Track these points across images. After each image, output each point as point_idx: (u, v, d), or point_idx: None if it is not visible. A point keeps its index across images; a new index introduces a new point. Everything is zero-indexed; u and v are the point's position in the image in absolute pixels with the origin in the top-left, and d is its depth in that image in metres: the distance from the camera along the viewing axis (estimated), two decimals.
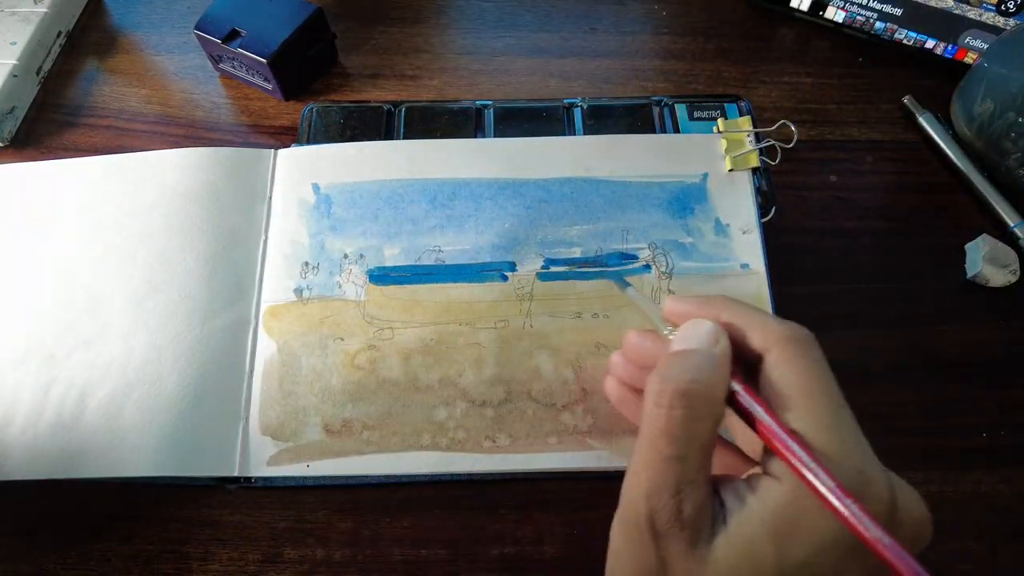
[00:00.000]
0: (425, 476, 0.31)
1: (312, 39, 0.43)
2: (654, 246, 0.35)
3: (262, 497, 0.32)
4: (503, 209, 0.36)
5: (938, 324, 0.37)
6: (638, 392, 0.27)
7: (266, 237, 0.36)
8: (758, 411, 0.21)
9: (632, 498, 0.20)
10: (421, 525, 0.31)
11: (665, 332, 0.25)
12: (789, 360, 0.21)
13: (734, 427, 0.26)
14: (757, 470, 0.22)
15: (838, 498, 0.18)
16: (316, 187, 0.36)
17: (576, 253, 0.35)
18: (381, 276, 0.34)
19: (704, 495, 0.20)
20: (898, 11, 0.45)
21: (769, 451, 0.21)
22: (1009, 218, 0.39)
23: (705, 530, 0.20)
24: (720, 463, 0.24)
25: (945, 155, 0.42)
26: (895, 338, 0.36)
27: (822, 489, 0.18)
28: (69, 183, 0.37)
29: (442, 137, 0.40)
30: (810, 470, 0.19)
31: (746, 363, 0.23)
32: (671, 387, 0.21)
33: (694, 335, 0.23)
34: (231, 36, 0.41)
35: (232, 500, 0.32)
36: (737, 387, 0.22)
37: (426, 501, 0.32)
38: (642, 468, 0.20)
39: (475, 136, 0.40)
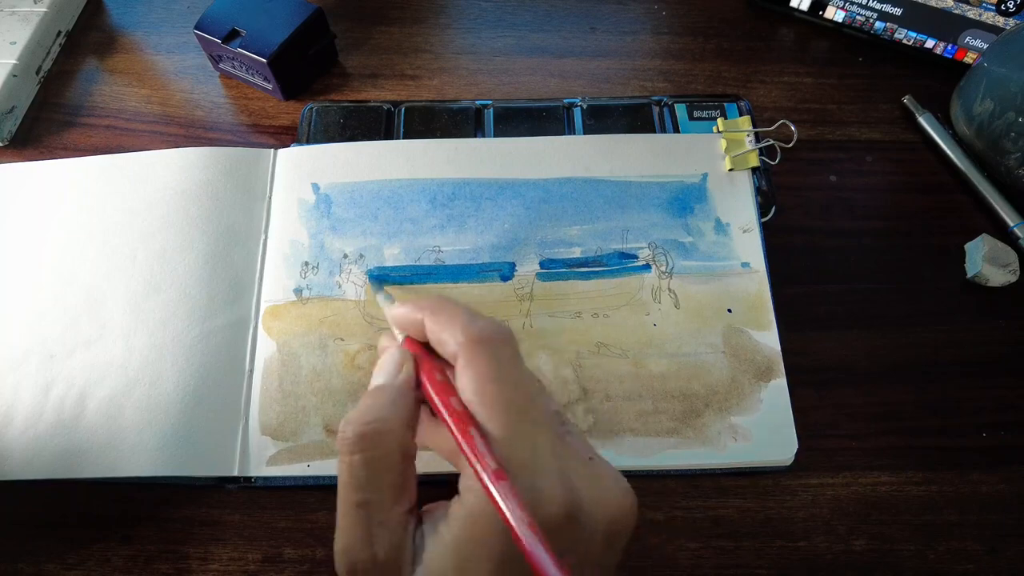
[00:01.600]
0: (425, 476, 0.31)
1: (312, 39, 0.42)
2: (654, 245, 0.35)
3: (262, 497, 0.32)
4: (503, 209, 0.36)
5: (938, 324, 0.37)
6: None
7: (266, 237, 0.36)
8: (444, 416, 0.21)
9: (335, 554, 0.20)
10: None
11: (398, 343, 0.25)
12: (471, 365, 0.21)
13: None
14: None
15: (495, 489, 0.18)
16: (316, 187, 0.36)
17: (576, 253, 0.35)
18: (381, 276, 0.34)
19: (399, 535, 0.20)
20: (898, 11, 0.45)
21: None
22: (1009, 218, 0.39)
23: (405, 570, 0.20)
24: None
25: (945, 155, 0.42)
26: (895, 338, 0.36)
27: (489, 487, 0.18)
28: (69, 183, 0.37)
29: (442, 137, 0.40)
30: (482, 475, 0.19)
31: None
32: (350, 433, 0.21)
33: (384, 368, 0.23)
34: (231, 36, 0.41)
35: (232, 500, 0.32)
36: (432, 392, 0.21)
37: (426, 501, 0.32)
38: (338, 522, 0.20)
39: (475, 136, 0.40)
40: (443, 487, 0.32)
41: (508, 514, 0.18)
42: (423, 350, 0.24)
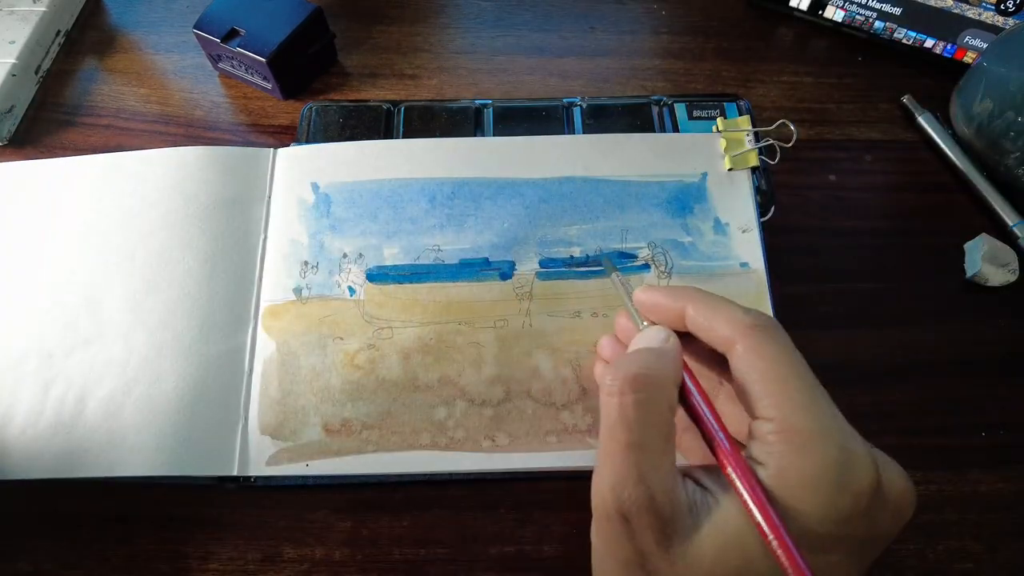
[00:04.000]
0: (424, 475, 0.31)
1: (311, 38, 0.42)
2: (653, 245, 0.35)
3: (261, 496, 0.32)
4: (502, 208, 0.36)
5: (938, 324, 0.37)
6: None
7: (265, 236, 0.36)
8: (704, 412, 0.21)
9: (599, 492, 0.20)
10: (420, 524, 0.31)
11: (642, 326, 0.26)
12: (756, 348, 0.21)
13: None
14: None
15: (764, 517, 0.18)
16: (315, 186, 0.36)
17: (575, 252, 0.35)
18: (380, 275, 0.34)
19: (672, 482, 0.20)
20: (897, 10, 0.45)
21: (753, 436, 0.21)
22: (1008, 217, 0.39)
23: (682, 519, 0.19)
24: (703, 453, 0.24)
25: (944, 154, 0.42)
26: (895, 338, 0.36)
27: (751, 508, 0.19)
28: (68, 182, 0.37)
29: (441, 136, 0.40)
30: (744, 483, 0.19)
31: (716, 355, 0.23)
32: (622, 374, 0.21)
33: (649, 336, 0.23)
34: (230, 35, 0.41)
35: (231, 499, 0.32)
36: (690, 383, 0.22)
37: (426, 500, 0.32)
38: (604, 461, 0.20)
39: (474, 135, 0.40)
40: (443, 486, 0.32)
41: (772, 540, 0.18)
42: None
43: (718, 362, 0.24)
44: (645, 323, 0.26)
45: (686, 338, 0.24)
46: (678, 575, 0.19)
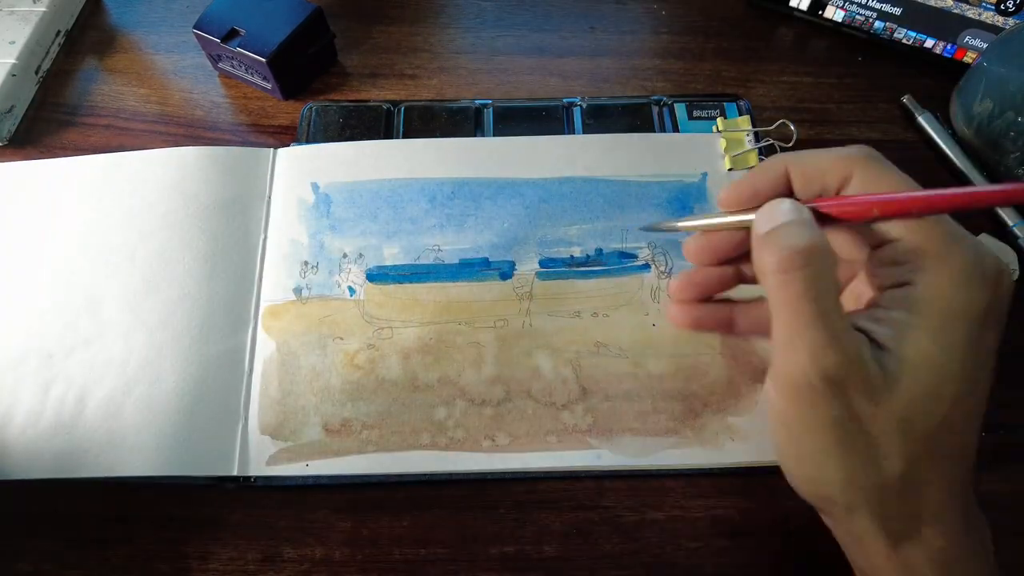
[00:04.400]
0: (425, 475, 0.31)
1: (311, 38, 0.42)
2: (653, 245, 0.35)
3: (261, 496, 0.32)
4: (502, 208, 0.36)
5: None
6: (713, 303, 0.27)
7: (265, 236, 0.36)
8: (875, 197, 0.21)
9: (796, 365, 0.20)
10: (420, 524, 0.31)
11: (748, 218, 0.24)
12: (876, 178, 0.22)
13: None
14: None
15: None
16: (315, 186, 0.36)
17: (575, 252, 0.35)
18: (380, 275, 0.34)
19: (857, 341, 0.21)
20: (897, 10, 0.45)
21: (882, 263, 0.22)
22: (1008, 218, 0.39)
23: (879, 368, 0.20)
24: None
25: (944, 154, 0.42)
26: None
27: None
28: (68, 182, 0.37)
29: (441, 136, 0.40)
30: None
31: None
32: (790, 249, 0.21)
33: (777, 212, 0.22)
34: (230, 35, 0.41)
35: (231, 499, 0.32)
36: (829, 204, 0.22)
37: (426, 500, 0.32)
38: (795, 335, 0.20)
39: (474, 135, 0.40)
40: (443, 486, 0.32)
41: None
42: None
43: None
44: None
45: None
46: (892, 413, 0.20)
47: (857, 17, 0.46)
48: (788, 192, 0.23)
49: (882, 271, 0.22)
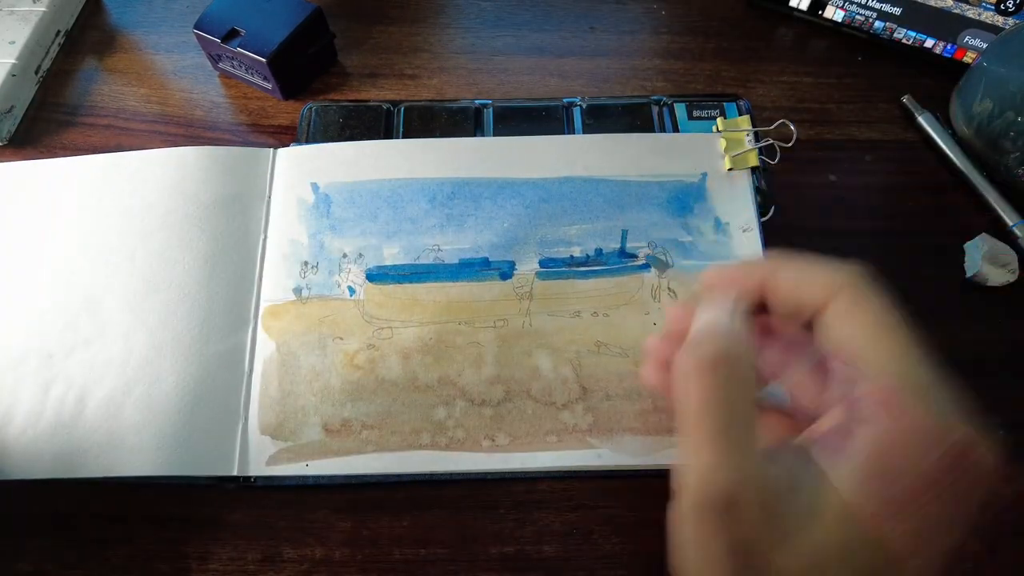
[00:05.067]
0: (425, 475, 0.31)
1: (311, 38, 0.42)
2: (653, 245, 0.35)
3: (261, 496, 0.32)
4: (502, 208, 0.36)
5: (937, 323, 0.36)
6: None
7: (265, 236, 0.36)
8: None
9: (695, 482, 0.19)
10: (421, 524, 0.31)
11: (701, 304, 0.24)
12: (860, 302, 0.21)
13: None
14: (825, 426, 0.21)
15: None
16: (315, 186, 0.36)
17: (575, 252, 0.35)
18: (380, 275, 0.34)
19: (767, 461, 0.19)
20: (897, 10, 0.45)
21: (848, 401, 0.20)
22: (1008, 217, 0.39)
23: (785, 498, 0.18)
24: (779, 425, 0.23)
25: (944, 154, 0.42)
26: None
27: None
28: (68, 182, 0.37)
29: (441, 136, 0.40)
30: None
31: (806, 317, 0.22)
32: (698, 357, 0.20)
33: (710, 314, 0.22)
34: (230, 35, 0.41)
35: (231, 499, 0.32)
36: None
37: (426, 500, 0.32)
38: (696, 448, 0.19)
39: (474, 135, 0.40)
40: (443, 486, 0.32)
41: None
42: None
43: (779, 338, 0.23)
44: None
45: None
46: (792, 554, 0.18)
47: (857, 17, 0.46)
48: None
49: (835, 375, 0.21)
